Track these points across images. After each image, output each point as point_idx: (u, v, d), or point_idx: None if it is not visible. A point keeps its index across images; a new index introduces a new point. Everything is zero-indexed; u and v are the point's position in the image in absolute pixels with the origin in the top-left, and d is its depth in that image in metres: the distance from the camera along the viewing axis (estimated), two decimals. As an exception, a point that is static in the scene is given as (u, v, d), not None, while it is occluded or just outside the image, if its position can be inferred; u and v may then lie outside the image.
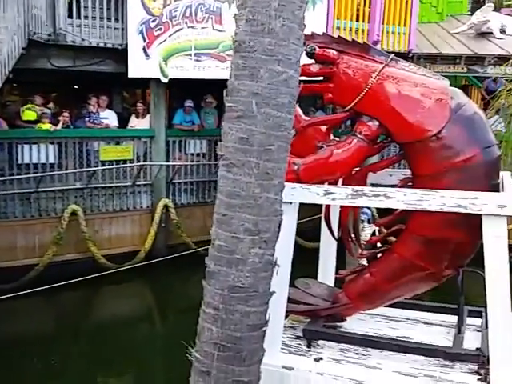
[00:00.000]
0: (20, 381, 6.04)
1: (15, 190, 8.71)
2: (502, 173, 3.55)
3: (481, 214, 3.07)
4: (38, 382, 6.18)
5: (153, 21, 9.22)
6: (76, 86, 11.48)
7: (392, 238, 3.88)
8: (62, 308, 8.54)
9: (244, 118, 2.74)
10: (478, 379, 3.27)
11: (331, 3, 9.64)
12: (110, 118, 9.93)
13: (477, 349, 3.48)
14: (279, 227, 2.91)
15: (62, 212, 8.94)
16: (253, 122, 2.73)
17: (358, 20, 9.98)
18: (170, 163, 10.16)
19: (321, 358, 3.57)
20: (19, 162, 8.82)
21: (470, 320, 3.94)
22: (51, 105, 10.24)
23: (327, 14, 9.61)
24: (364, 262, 4.42)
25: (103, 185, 9.57)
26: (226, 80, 2.84)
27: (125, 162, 9.76)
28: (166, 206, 9.85)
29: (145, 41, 9.23)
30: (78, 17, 9.03)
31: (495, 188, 3.35)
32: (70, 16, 8.95)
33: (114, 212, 9.72)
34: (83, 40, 9.04)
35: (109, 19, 9.24)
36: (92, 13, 9.13)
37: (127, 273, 9.01)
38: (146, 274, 9.19)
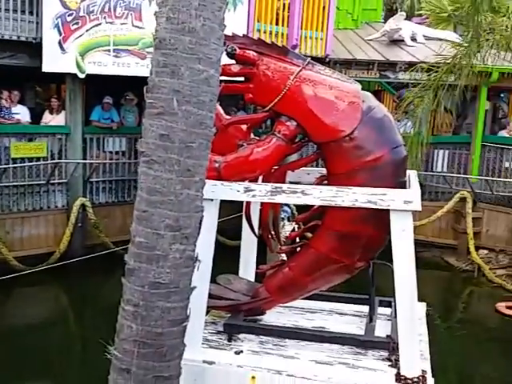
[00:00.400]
0: None
1: None
2: (408, 171, 3.80)
3: (389, 210, 3.28)
4: None
5: (69, 15, 8.93)
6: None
7: (309, 234, 4.04)
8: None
9: (165, 115, 2.76)
10: (389, 365, 3.47)
11: (252, 6, 9.77)
12: (21, 114, 9.51)
13: (387, 336, 3.68)
14: (200, 223, 2.96)
15: (-31, 212, 8.47)
16: (174, 119, 2.75)
17: (277, 24, 10.19)
18: (87, 161, 9.86)
19: (241, 351, 3.65)
20: None
21: (380, 310, 4.15)
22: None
23: (248, 17, 9.72)
24: (284, 257, 4.56)
25: (15, 183, 9.15)
26: (147, 77, 2.85)
27: (38, 159, 9.37)
28: (83, 206, 9.56)
29: (61, 35, 8.93)
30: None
31: (402, 185, 3.58)
32: (-20, 7, 8.48)
33: (27, 212, 9.34)
34: (-5, 33, 8.59)
35: (22, 11, 8.83)
36: (5, 5, 8.70)
37: (41, 274, 8.65)
38: (62, 276, 8.88)
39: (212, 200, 3.40)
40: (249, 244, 4.36)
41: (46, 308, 8.59)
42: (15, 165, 9.12)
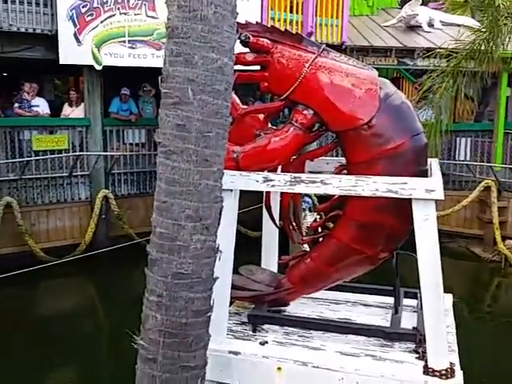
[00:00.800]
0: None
1: None
2: (429, 159, 3.71)
3: (411, 199, 3.21)
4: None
5: (83, 6, 8.94)
6: (5, 74, 10.97)
7: (331, 224, 4.00)
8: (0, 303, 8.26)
9: (180, 105, 2.74)
10: (416, 357, 3.42)
11: (265, -6, 9.69)
12: (41, 106, 9.59)
13: (413, 328, 3.63)
14: (220, 214, 2.95)
15: (-5, 205, 8.61)
16: (189, 108, 2.73)
17: (291, 11, 10.07)
18: (108, 153, 9.93)
19: (266, 342, 3.64)
20: None
21: (406, 301, 4.09)
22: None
23: (261, 5, 9.65)
24: (306, 247, 4.53)
25: (38, 176, 9.28)
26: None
27: (59, 151, 9.47)
28: (105, 197, 9.67)
29: (76, 26, 8.94)
30: (5, 1, 8.62)
31: (424, 174, 3.50)
32: (-3, 1, 8.55)
33: (51, 204, 9.47)
34: (11, 25, 8.65)
35: (37, 4, 8.87)
36: (20, -3, 8.76)
37: (68, 266, 8.82)
38: (88, 267, 9.01)
39: (231, 190, 3.38)
40: (270, 235, 4.33)
41: (73, 298, 8.73)
42: (38, 157, 9.23)
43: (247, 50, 3.68)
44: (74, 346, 6.74)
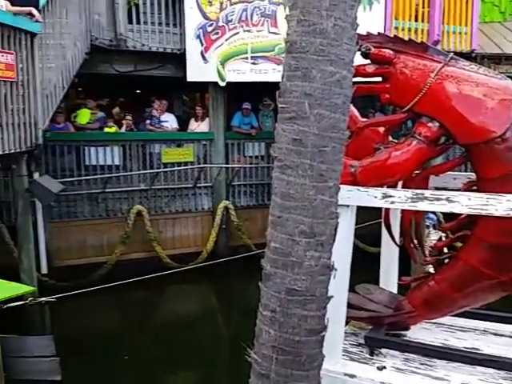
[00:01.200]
0: (92, 374, 6.29)
1: (83, 190, 9.14)
2: None
3: None
4: (109, 375, 6.41)
5: (209, 25, 9.36)
6: (138, 91, 11.83)
7: (458, 244, 3.72)
8: (129, 305, 8.83)
9: (297, 119, 2.71)
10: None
11: (389, 3, 9.45)
12: (169, 121, 10.16)
13: None
14: (335, 230, 2.86)
15: (128, 212, 9.29)
16: (306, 123, 2.69)
17: (417, 20, 9.72)
18: (229, 165, 10.26)
19: (384, 367, 3.45)
20: (86, 163, 9.23)
21: None
22: (116, 109, 10.61)
23: (385, 15, 9.43)
24: (430, 268, 4.26)
25: (166, 186, 9.82)
26: (281, 82, 2.83)
27: (186, 164, 9.95)
28: (226, 208, 9.98)
29: (202, 45, 9.39)
30: (138, 22, 9.31)
31: None
32: (130, 22, 9.25)
33: (177, 213, 9.97)
34: (143, 45, 9.31)
35: (167, 24, 9.47)
36: (151, 18, 9.40)
37: (190, 273, 9.18)
38: (208, 275, 9.33)
39: (348, 206, 3.27)
40: (389, 253, 4.13)
41: (193, 305, 9.08)
42: (166, 169, 9.80)
43: (368, 61, 3.57)
44: (190, 353, 6.99)
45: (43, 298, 4.83)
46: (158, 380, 6.44)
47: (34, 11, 6.39)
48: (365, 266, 4.03)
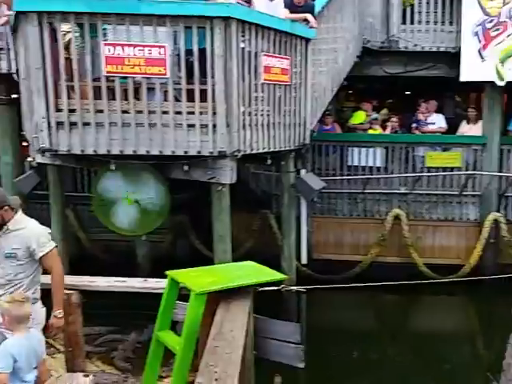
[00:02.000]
0: (334, 367, 6.45)
1: (344, 189, 9.43)
2: None
3: None
4: (351, 373, 6.51)
5: (489, 21, 8.71)
6: (407, 92, 11.61)
7: None
8: (380, 307, 8.81)
9: None
10: None
11: None
12: (437, 123, 9.70)
13: None
14: None
15: (386, 215, 9.23)
16: None
17: None
18: (503, 174, 9.26)
19: None
20: (349, 163, 9.48)
21: None
22: (384, 111, 10.61)
23: None
24: None
25: (428, 191, 9.42)
26: None
27: (451, 169, 9.38)
28: (495, 221, 9.04)
29: (480, 42, 8.76)
30: (412, 22, 9.19)
31: None
32: (404, 22, 9.18)
33: (438, 221, 9.46)
34: (415, 45, 9.15)
35: (442, 23, 9.13)
36: (426, 17, 9.18)
37: (448, 286, 8.62)
38: (470, 291, 8.65)
39: None
40: None
41: (447, 320, 8.53)
42: (429, 174, 9.38)
43: None
44: (433, 368, 6.61)
45: (294, 287, 5.10)
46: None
47: (310, 17, 6.78)
48: None
